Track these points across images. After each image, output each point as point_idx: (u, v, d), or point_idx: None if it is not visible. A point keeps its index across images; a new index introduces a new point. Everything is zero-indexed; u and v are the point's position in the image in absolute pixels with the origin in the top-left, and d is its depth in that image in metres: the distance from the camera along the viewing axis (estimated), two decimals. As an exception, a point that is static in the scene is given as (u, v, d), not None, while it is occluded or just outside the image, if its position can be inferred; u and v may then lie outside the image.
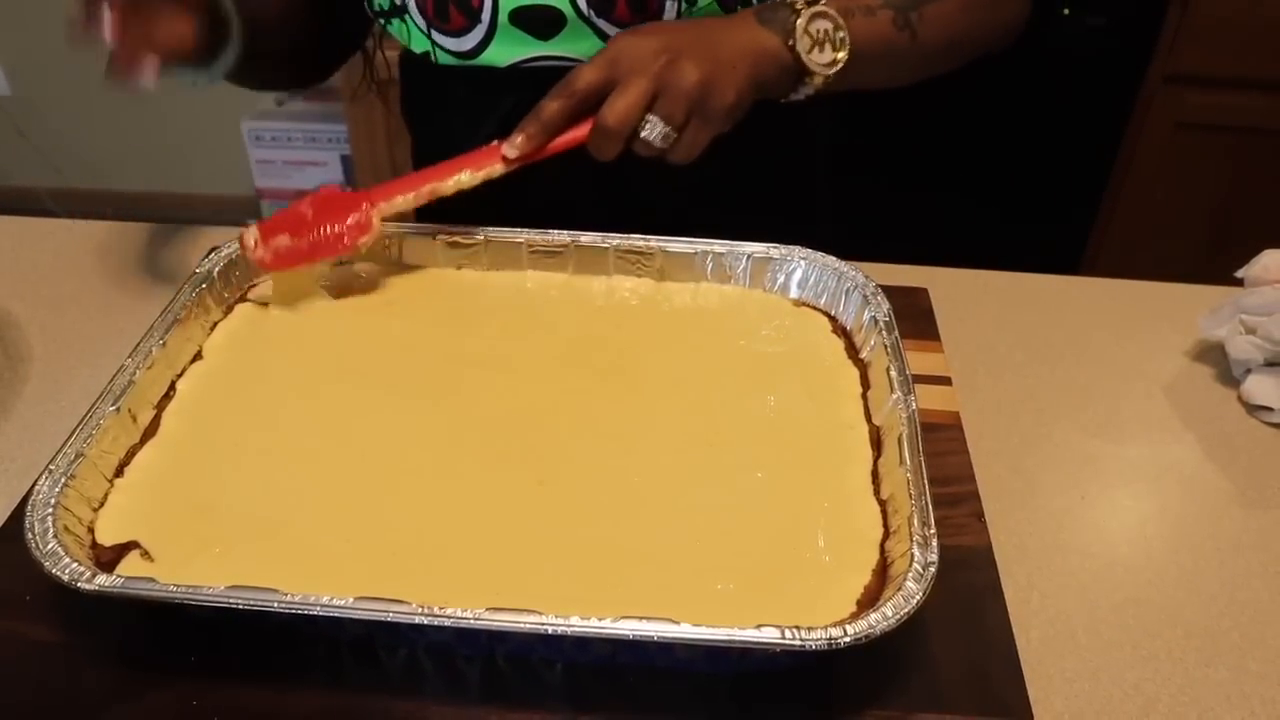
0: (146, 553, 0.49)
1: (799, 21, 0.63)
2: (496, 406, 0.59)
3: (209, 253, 0.67)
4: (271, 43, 0.73)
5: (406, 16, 0.71)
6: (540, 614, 0.42)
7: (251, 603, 0.43)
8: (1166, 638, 0.52)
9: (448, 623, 0.42)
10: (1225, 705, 0.49)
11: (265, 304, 0.66)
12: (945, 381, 0.64)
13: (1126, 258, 1.65)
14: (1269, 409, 0.65)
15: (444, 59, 0.73)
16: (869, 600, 0.47)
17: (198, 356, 0.61)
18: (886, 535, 0.50)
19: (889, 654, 0.47)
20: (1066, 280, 0.79)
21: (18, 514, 0.54)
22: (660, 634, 0.42)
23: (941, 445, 0.58)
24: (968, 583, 0.51)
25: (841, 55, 0.64)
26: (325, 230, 0.62)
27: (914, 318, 0.68)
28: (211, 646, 0.48)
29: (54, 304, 0.74)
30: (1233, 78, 1.49)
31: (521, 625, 0.42)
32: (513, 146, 0.63)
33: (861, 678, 0.48)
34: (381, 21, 0.74)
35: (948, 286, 0.76)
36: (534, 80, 0.72)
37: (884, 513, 0.51)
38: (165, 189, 2.38)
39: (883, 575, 0.48)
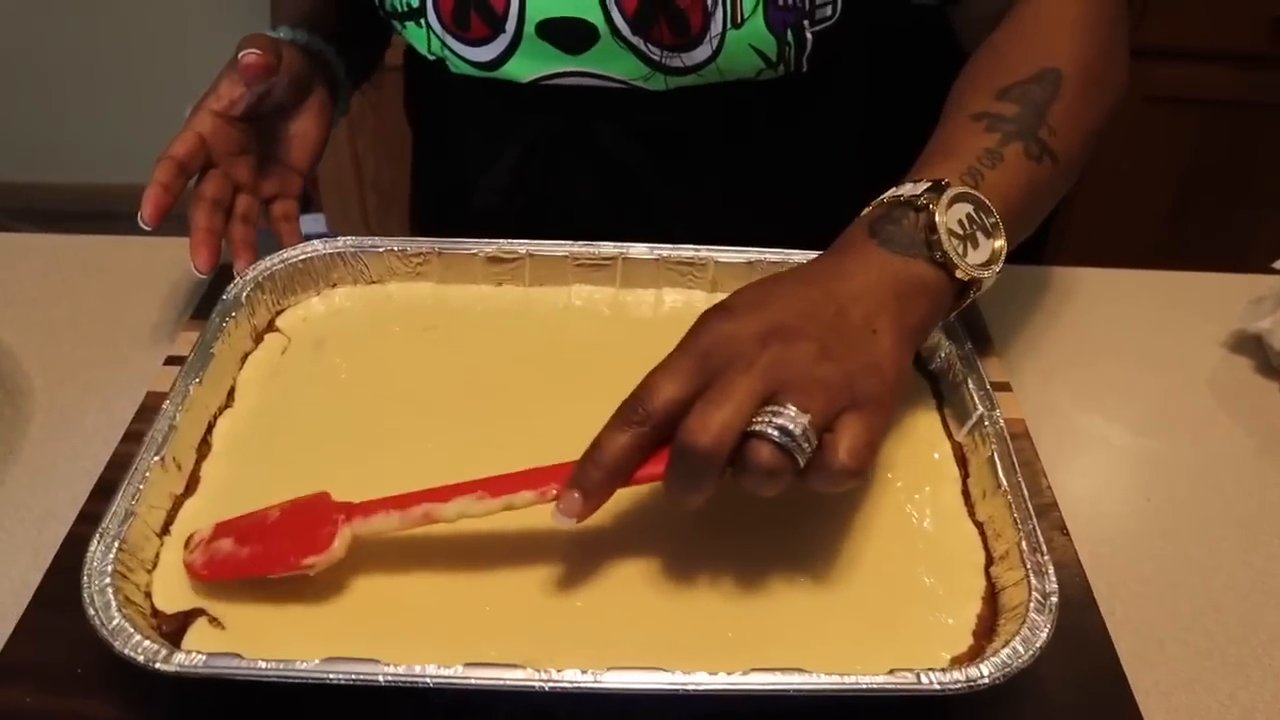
0: (215, 619, 0.45)
1: (938, 220, 0.47)
2: (552, 433, 0.55)
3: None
4: (367, 56, 0.79)
5: (423, 20, 0.66)
6: (666, 670, 0.40)
7: (354, 678, 0.40)
8: (1252, 643, 0.52)
9: (568, 687, 0.39)
10: (1321, 712, 0.49)
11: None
12: (1005, 388, 0.63)
13: (1093, 231, 1.67)
14: (1314, 401, 0.66)
15: (460, 68, 0.68)
16: (984, 630, 0.45)
17: (231, 393, 0.57)
18: (990, 561, 0.48)
19: (999, 682, 0.46)
20: (1094, 273, 0.78)
21: (60, 577, 0.50)
22: (796, 687, 0.40)
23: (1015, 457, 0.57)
24: (1064, 599, 0.50)
25: (1000, 244, 0.49)
26: (276, 543, 0.47)
27: (963, 319, 0.67)
28: (293, 716, 0.45)
29: (48, 329, 0.68)
30: (1201, 50, 1.50)
31: (653, 688, 0.39)
32: (567, 510, 0.44)
33: (971, 706, 0.46)
34: (395, 24, 0.69)
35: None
36: (556, 99, 0.68)
37: (983, 536, 0.50)
38: (105, 180, 2.25)
39: (993, 603, 0.47)
